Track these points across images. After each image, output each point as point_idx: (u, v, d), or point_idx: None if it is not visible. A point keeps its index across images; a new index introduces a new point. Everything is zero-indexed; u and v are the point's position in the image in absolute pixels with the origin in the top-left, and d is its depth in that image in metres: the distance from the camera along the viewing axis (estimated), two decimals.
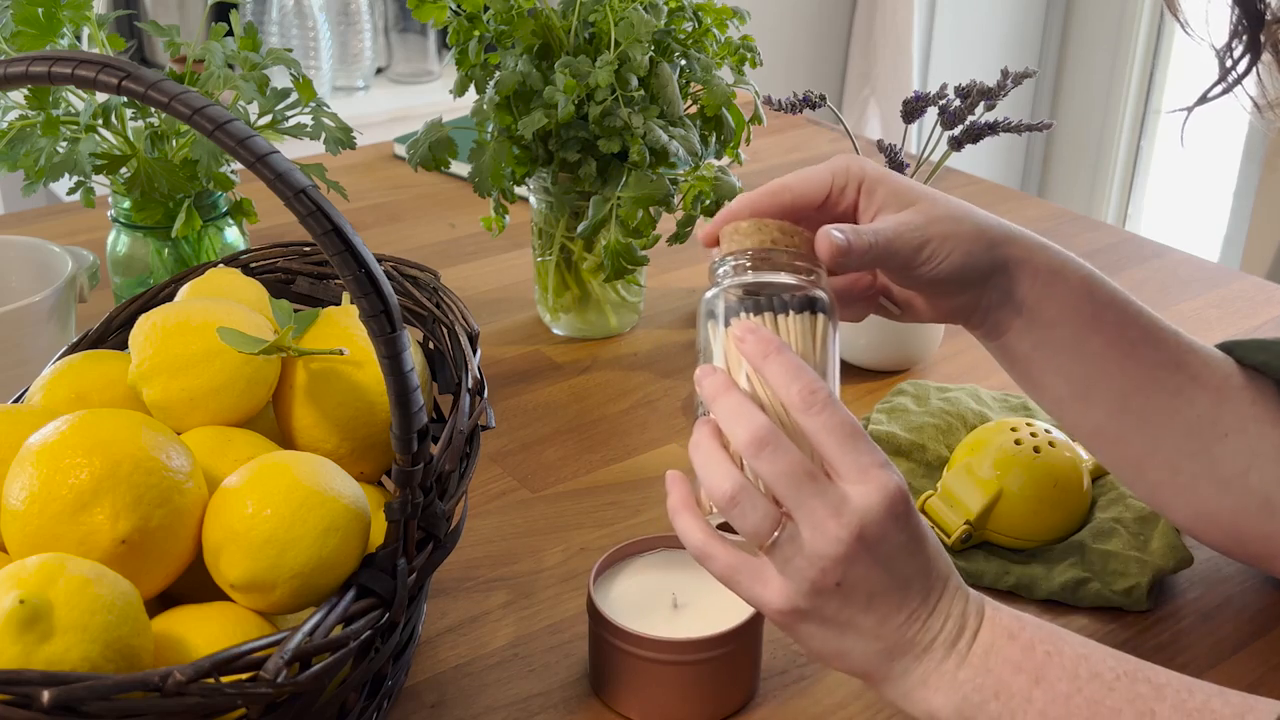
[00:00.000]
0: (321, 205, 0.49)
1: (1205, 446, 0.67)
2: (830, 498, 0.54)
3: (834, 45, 2.89)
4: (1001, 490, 0.77)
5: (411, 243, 1.23)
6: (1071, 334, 0.67)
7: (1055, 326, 0.67)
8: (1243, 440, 0.67)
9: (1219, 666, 0.71)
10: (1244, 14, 0.62)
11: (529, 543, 0.80)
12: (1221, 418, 0.67)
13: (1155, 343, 0.68)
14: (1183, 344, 0.69)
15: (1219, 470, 0.67)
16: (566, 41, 0.93)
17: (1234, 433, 0.67)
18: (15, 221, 1.27)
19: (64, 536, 0.54)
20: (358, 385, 0.65)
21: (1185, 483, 0.68)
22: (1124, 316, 0.68)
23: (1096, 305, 0.67)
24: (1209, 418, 0.67)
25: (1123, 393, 0.68)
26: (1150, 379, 0.67)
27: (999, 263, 0.66)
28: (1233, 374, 0.69)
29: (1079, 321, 0.67)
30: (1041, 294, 0.67)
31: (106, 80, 0.48)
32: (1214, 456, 0.67)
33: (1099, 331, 0.67)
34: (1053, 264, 0.67)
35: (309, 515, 0.55)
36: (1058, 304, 0.67)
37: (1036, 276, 0.66)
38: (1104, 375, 0.67)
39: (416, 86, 2.40)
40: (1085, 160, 3.00)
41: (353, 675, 0.57)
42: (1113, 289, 0.68)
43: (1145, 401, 0.67)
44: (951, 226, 0.64)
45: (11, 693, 0.46)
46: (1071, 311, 0.67)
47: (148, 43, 2.24)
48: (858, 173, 0.65)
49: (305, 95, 0.90)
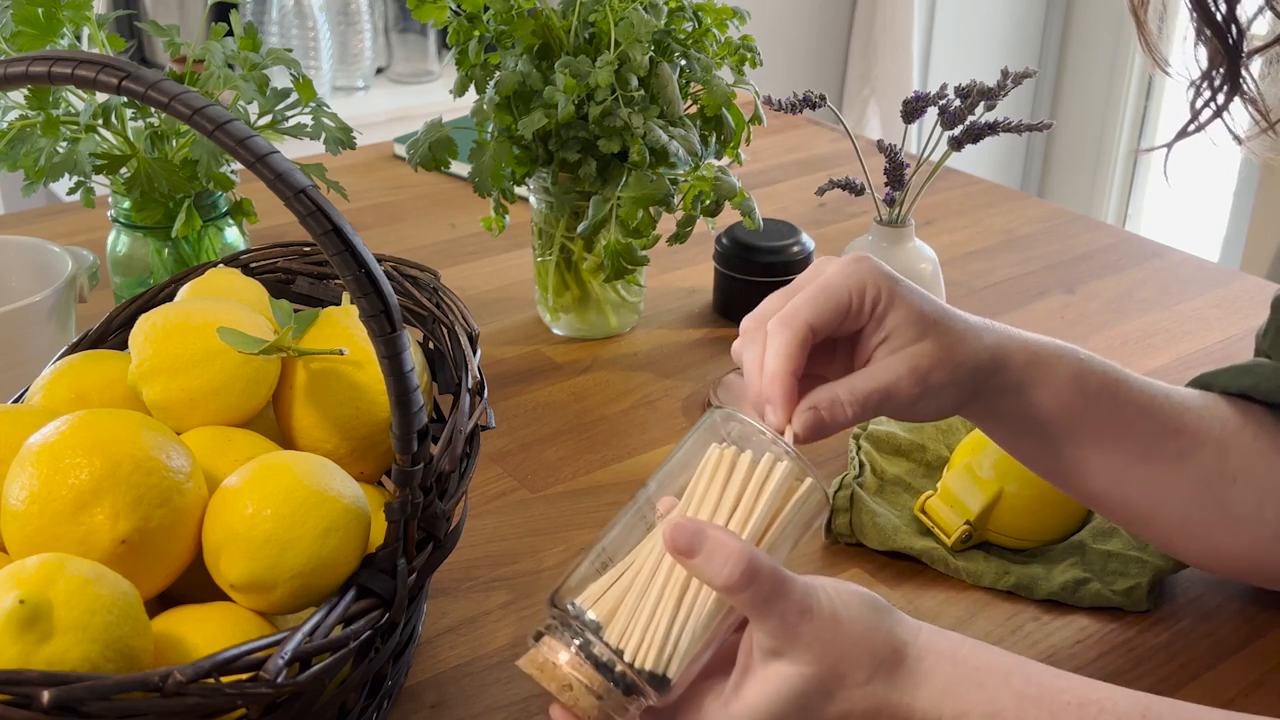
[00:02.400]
0: (321, 205, 0.49)
1: (1215, 496, 0.67)
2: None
3: (834, 45, 2.89)
4: (1001, 490, 0.77)
5: (411, 243, 1.23)
6: (1062, 429, 0.66)
7: (1046, 425, 0.66)
8: (1252, 479, 0.67)
9: (1219, 666, 0.71)
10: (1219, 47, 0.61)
11: (529, 543, 0.80)
12: (1228, 465, 0.67)
13: (1150, 415, 0.67)
14: (1177, 406, 0.68)
15: (1231, 512, 0.68)
16: (566, 41, 0.93)
17: (1242, 474, 0.67)
18: (15, 221, 1.27)
19: (64, 536, 0.54)
20: (358, 385, 0.65)
21: (1196, 530, 0.68)
22: (1115, 401, 0.66)
23: (1086, 398, 0.66)
24: (1215, 469, 0.67)
25: (1120, 467, 0.67)
26: (1148, 450, 0.67)
27: (986, 392, 0.65)
28: (1229, 417, 0.68)
29: (1069, 418, 0.66)
30: (1030, 400, 0.65)
31: (106, 80, 0.48)
32: (1225, 503, 0.67)
33: (1089, 421, 0.66)
34: (1040, 368, 0.65)
35: (309, 515, 0.55)
36: (1047, 405, 0.66)
37: (1020, 392, 0.65)
38: (1098, 455, 0.67)
39: (416, 86, 2.40)
40: (1085, 160, 3.00)
41: (353, 675, 0.57)
42: (1103, 374, 0.67)
43: (1145, 471, 0.67)
44: (950, 373, 0.62)
45: (11, 693, 0.46)
46: (1061, 410, 0.66)
47: (148, 43, 2.24)
48: (873, 295, 0.61)
49: (305, 95, 0.90)
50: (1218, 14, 0.60)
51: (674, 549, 0.54)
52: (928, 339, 0.61)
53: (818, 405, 0.59)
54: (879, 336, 0.62)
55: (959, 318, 0.64)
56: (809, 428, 0.59)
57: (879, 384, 0.60)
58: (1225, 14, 0.60)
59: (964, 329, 0.63)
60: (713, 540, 0.53)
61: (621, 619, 0.55)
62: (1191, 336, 1.07)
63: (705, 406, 0.95)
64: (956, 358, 0.62)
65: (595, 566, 0.57)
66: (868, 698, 0.55)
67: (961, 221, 1.30)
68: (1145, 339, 1.07)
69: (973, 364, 0.63)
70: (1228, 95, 0.62)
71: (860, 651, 0.55)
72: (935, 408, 0.63)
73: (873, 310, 0.61)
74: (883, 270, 0.62)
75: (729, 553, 0.53)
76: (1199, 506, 0.67)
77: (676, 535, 0.54)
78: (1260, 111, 0.63)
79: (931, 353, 0.61)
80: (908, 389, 0.61)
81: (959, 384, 0.62)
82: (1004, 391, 0.65)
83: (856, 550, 0.79)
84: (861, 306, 0.61)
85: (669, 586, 0.55)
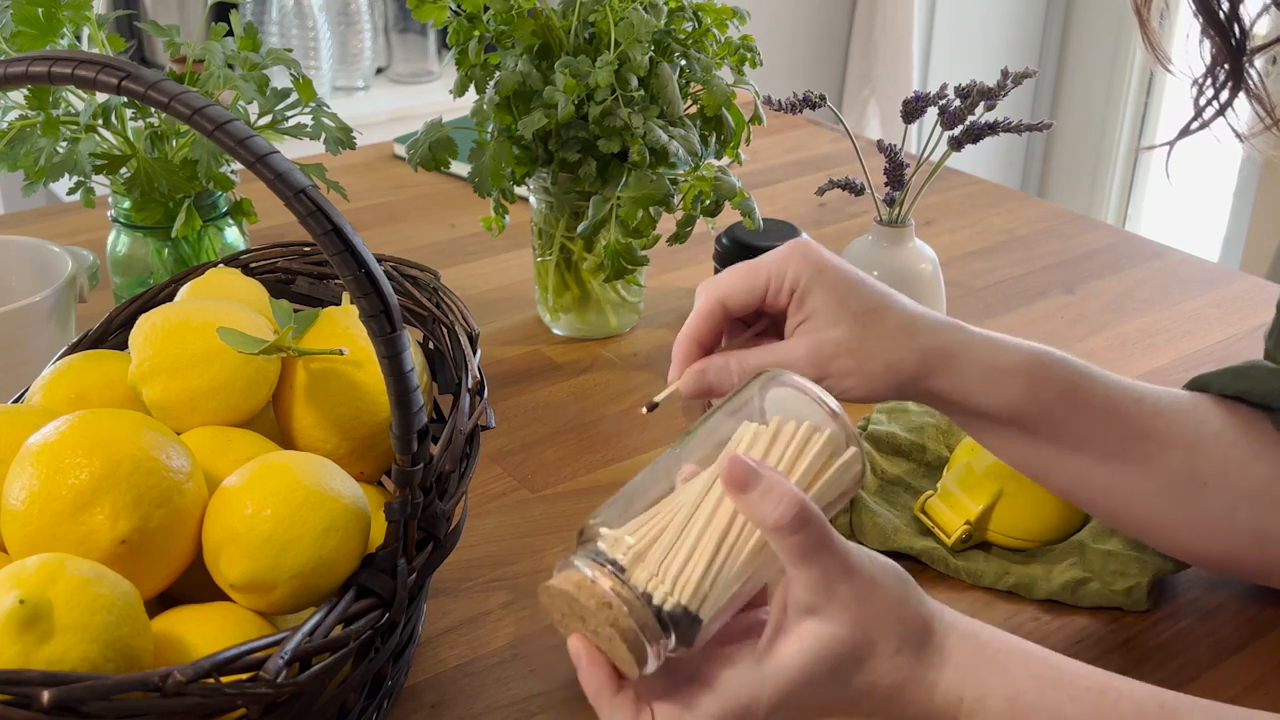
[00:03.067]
0: (321, 205, 0.49)
1: (1182, 499, 0.67)
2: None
3: (834, 45, 2.89)
4: (1001, 490, 0.77)
5: (411, 243, 1.23)
6: (1017, 432, 0.67)
7: (998, 427, 0.67)
8: (1224, 485, 0.67)
9: (1219, 666, 0.71)
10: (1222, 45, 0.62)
11: (529, 543, 0.80)
12: (1198, 470, 0.67)
13: (1114, 421, 0.67)
14: (1145, 410, 0.68)
15: (1202, 516, 0.68)
16: (566, 41, 0.93)
17: (1213, 480, 0.67)
18: (15, 221, 1.27)
19: (64, 536, 0.54)
20: (358, 385, 0.65)
21: (1167, 531, 0.69)
22: (1075, 405, 0.67)
23: (1041, 405, 0.66)
24: (1183, 473, 0.67)
25: (1083, 468, 0.68)
26: (1112, 453, 0.67)
27: (919, 392, 0.66)
28: (1207, 420, 0.68)
29: (1023, 424, 0.67)
30: (978, 404, 0.66)
31: (106, 80, 0.48)
32: (1195, 506, 0.67)
33: (1045, 428, 0.67)
34: (988, 379, 0.66)
35: (309, 515, 0.55)
36: (997, 412, 0.66)
37: (968, 396, 0.66)
38: (1059, 457, 0.67)
39: (416, 86, 2.40)
40: (1085, 160, 3.00)
41: (353, 675, 0.57)
42: (1064, 377, 0.67)
43: (1108, 472, 0.67)
44: (855, 362, 0.64)
45: (11, 693, 0.46)
46: (1013, 417, 0.66)
47: (148, 43, 2.24)
48: (793, 275, 0.65)
49: (305, 95, 0.90)
50: (1220, 12, 0.60)
51: (730, 480, 0.53)
52: (840, 327, 0.64)
53: (706, 369, 0.65)
54: (799, 318, 0.65)
55: (896, 314, 0.65)
56: (692, 388, 0.65)
57: (770, 358, 0.65)
58: (1228, 12, 0.60)
59: (893, 327, 0.65)
60: (769, 479, 0.53)
61: (657, 554, 0.54)
62: (1191, 336, 1.07)
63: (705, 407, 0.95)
64: (867, 350, 0.64)
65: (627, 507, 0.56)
66: (895, 670, 0.55)
67: (961, 221, 1.30)
68: (1145, 339, 1.07)
69: (888, 360, 0.65)
70: (1231, 93, 0.62)
71: (893, 620, 0.55)
72: (846, 391, 0.65)
73: (791, 293, 0.65)
74: (815, 258, 0.65)
75: (783, 493, 0.53)
76: (1166, 508, 0.68)
77: (734, 468, 0.53)
78: (1265, 108, 0.63)
79: (839, 340, 0.64)
80: (804, 368, 0.64)
81: (871, 376, 0.65)
82: (943, 395, 0.66)
83: None
84: (780, 289, 0.65)
85: (709, 528, 0.54)
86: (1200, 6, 0.61)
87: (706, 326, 0.66)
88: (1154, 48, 0.66)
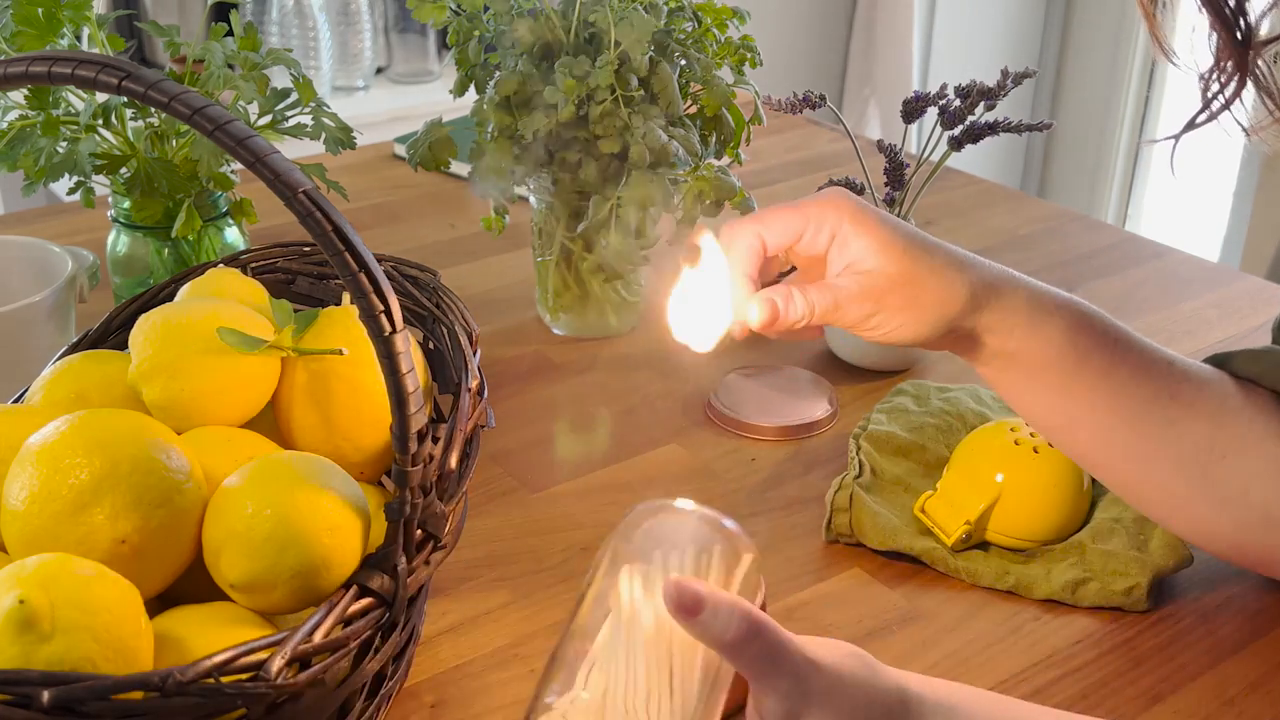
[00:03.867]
0: (321, 205, 0.49)
1: (1201, 470, 0.68)
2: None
3: (834, 45, 2.89)
4: (1001, 490, 0.77)
5: (411, 243, 1.23)
6: (1054, 379, 0.67)
7: (1036, 373, 0.67)
8: (1241, 460, 0.67)
9: (1219, 666, 0.71)
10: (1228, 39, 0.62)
11: (529, 543, 0.80)
12: (1218, 441, 0.67)
13: (1146, 379, 0.68)
14: (1176, 373, 0.68)
15: (1217, 490, 0.68)
16: (566, 41, 0.93)
17: (1232, 454, 0.67)
18: (15, 221, 1.27)
19: (64, 536, 0.54)
20: (358, 385, 0.65)
21: (1180, 504, 0.69)
22: (1112, 357, 0.67)
23: (1080, 352, 0.67)
24: (1204, 443, 0.67)
25: (1109, 427, 0.68)
26: (1140, 414, 0.67)
27: (969, 329, 0.66)
28: (1230, 394, 0.69)
29: (1061, 369, 0.67)
30: (1020, 346, 0.67)
31: (106, 80, 0.48)
32: (1211, 478, 0.68)
33: (1082, 376, 0.67)
34: (1035, 317, 0.66)
35: (309, 515, 0.55)
36: (1038, 355, 0.67)
37: (1012, 333, 0.66)
38: (1090, 413, 0.68)
39: (416, 86, 2.40)
40: (1085, 160, 3.00)
41: (353, 675, 0.57)
42: (1102, 330, 0.68)
43: (1133, 434, 0.68)
44: (909, 298, 0.64)
45: (11, 693, 0.46)
46: (1053, 361, 0.67)
47: (148, 43, 2.24)
48: (834, 219, 0.65)
49: (305, 95, 0.90)
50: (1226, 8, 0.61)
51: (678, 607, 0.50)
52: (892, 265, 0.65)
53: (774, 297, 0.64)
54: (844, 260, 0.65)
55: (943, 253, 0.66)
56: (764, 315, 0.64)
57: (830, 292, 0.65)
58: (1234, 7, 0.61)
59: (943, 264, 0.65)
60: (714, 596, 0.50)
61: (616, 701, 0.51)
62: (1191, 336, 1.07)
63: (705, 407, 0.95)
64: (920, 284, 0.65)
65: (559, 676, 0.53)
66: None
67: (961, 221, 1.30)
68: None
69: (940, 295, 0.65)
70: (1238, 86, 0.63)
71: (868, 703, 0.53)
72: (895, 331, 0.65)
73: (832, 237, 0.65)
74: (855, 203, 0.65)
75: (732, 606, 0.50)
76: (1184, 479, 0.68)
77: (681, 593, 0.50)
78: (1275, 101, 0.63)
79: (892, 275, 0.64)
80: (859, 304, 0.64)
81: (923, 309, 0.65)
82: (989, 332, 0.66)
83: (856, 550, 0.79)
84: (819, 231, 0.65)
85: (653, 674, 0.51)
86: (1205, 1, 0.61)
87: (753, 261, 0.66)
88: (1160, 42, 0.66)
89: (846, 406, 0.95)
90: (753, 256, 0.66)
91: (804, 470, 0.88)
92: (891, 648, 0.71)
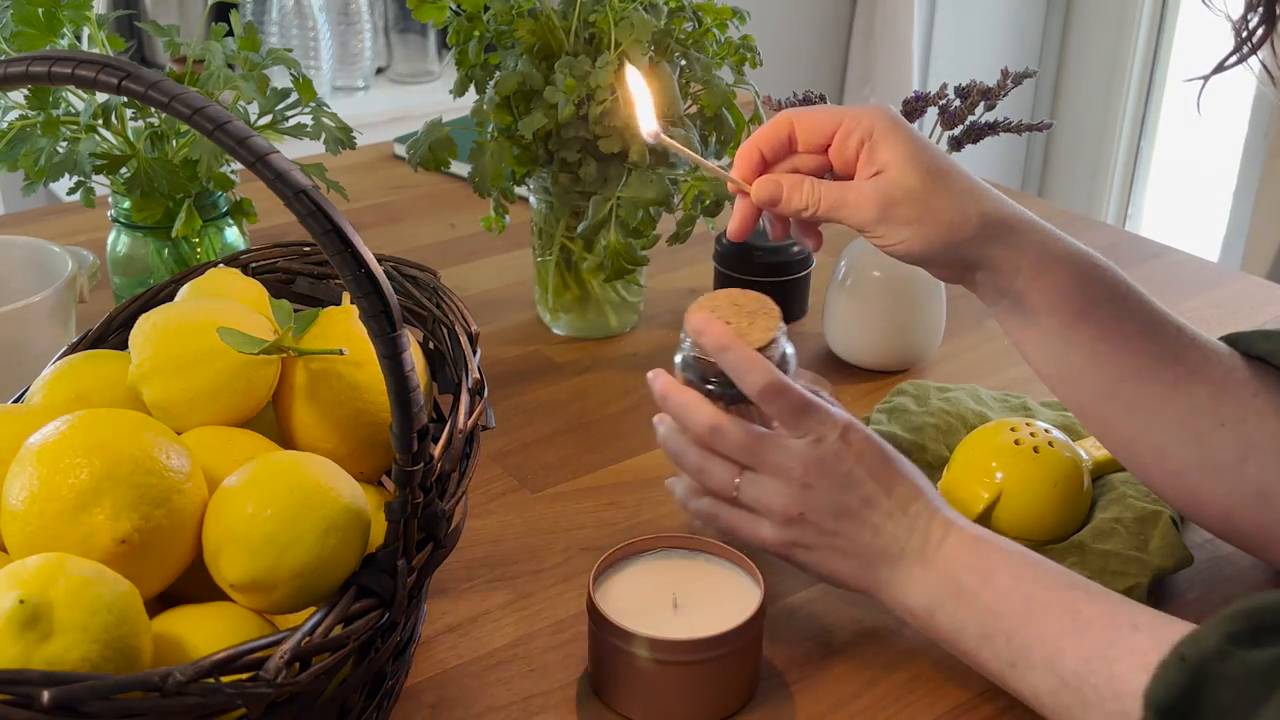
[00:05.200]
0: (321, 205, 0.49)
1: (1197, 436, 0.68)
2: (779, 451, 0.66)
3: (834, 45, 2.89)
4: (1001, 490, 0.77)
5: (411, 243, 1.23)
6: (1058, 325, 0.68)
7: (1041, 316, 0.68)
8: (1240, 430, 0.68)
9: None
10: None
11: (529, 543, 0.80)
12: (1219, 409, 0.68)
13: (1154, 336, 0.68)
14: (1185, 338, 0.69)
15: (1212, 459, 0.68)
16: (566, 42, 0.93)
17: (1231, 423, 0.68)
18: (15, 221, 1.27)
19: (64, 536, 0.54)
20: (358, 385, 0.65)
21: (1175, 468, 0.69)
22: (1121, 311, 0.68)
23: (1087, 300, 0.68)
24: (1205, 409, 0.68)
25: (1112, 381, 0.68)
26: (1144, 370, 0.68)
27: (975, 259, 0.68)
28: (1236, 368, 0.69)
29: (1067, 315, 0.68)
30: (1026, 287, 0.68)
31: (106, 80, 0.48)
32: (1207, 446, 0.68)
33: (1087, 326, 0.68)
34: (1044, 260, 0.68)
35: (309, 515, 0.55)
36: (1044, 297, 0.68)
37: (1019, 272, 0.68)
38: (1093, 365, 0.68)
39: (416, 86, 2.40)
40: (1085, 160, 3.00)
41: (353, 675, 0.57)
42: (1114, 282, 0.69)
43: (1136, 390, 0.68)
44: (919, 212, 0.66)
45: (11, 693, 0.46)
46: (1059, 305, 0.68)
47: (148, 43, 2.24)
48: (867, 125, 0.67)
49: (305, 95, 0.90)
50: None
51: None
52: (911, 178, 0.66)
53: (780, 180, 0.69)
54: (871, 169, 0.68)
55: (963, 179, 0.68)
56: (765, 193, 0.69)
57: (841, 190, 0.67)
58: None
59: (961, 188, 0.67)
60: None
61: None
62: None
63: None
64: (934, 204, 0.66)
65: None
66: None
67: None
68: None
69: (951, 217, 0.66)
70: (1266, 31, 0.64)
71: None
72: (902, 244, 0.67)
73: (862, 143, 0.67)
74: (892, 116, 0.68)
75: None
76: (1181, 443, 0.68)
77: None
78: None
79: (907, 187, 0.66)
80: (868, 208, 0.67)
81: (932, 228, 0.66)
82: (995, 269, 0.68)
83: None
84: (851, 133, 0.68)
85: None
86: None
87: (774, 137, 0.69)
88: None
89: (846, 406, 0.95)
90: (775, 132, 0.69)
91: None
92: (892, 648, 0.71)
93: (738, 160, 0.70)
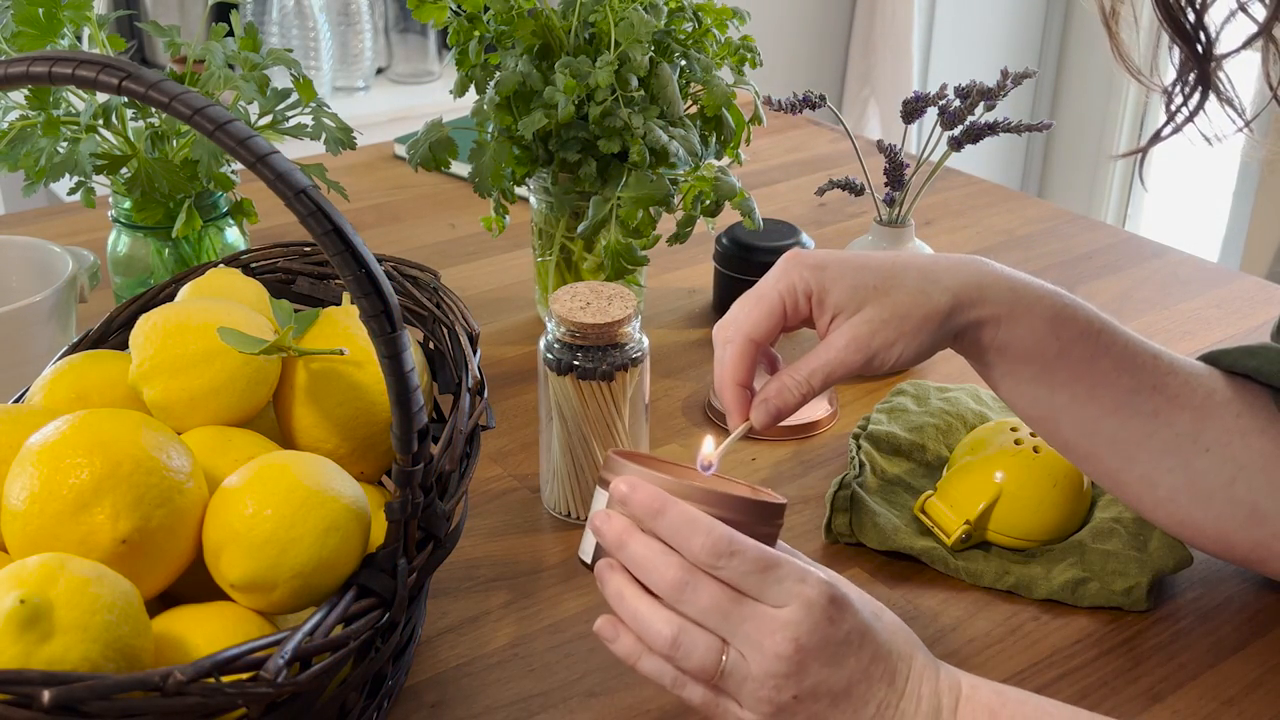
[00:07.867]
0: (322, 205, 0.49)
1: (1184, 462, 0.68)
2: (760, 619, 0.56)
3: (834, 45, 2.89)
4: (1001, 490, 0.77)
5: (411, 243, 1.23)
6: (1036, 370, 0.68)
7: (1018, 364, 0.68)
8: (1226, 453, 0.68)
9: (1218, 666, 0.71)
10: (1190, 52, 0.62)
11: (529, 543, 0.80)
12: (1203, 434, 0.68)
13: (1130, 370, 0.68)
14: (1162, 366, 0.69)
15: (1201, 483, 0.68)
16: (566, 42, 0.93)
17: (1216, 447, 0.68)
18: (15, 221, 1.27)
19: (64, 536, 0.54)
20: (358, 385, 0.65)
21: (1164, 495, 0.69)
22: (1095, 348, 0.68)
23: (1062, 342, 0.67)
24: (1189, 435, 0.68)
25: (1092, 418, 0.68)
26: (1123, 404, 0.68)
27: (954, 331, 0.67)
28: (1217, 389, 0.69)
29: (1044, 359, 0.68)
30: (1004, 339, 0.68)
31: (106, 80, 0.48)
32: (1195, 471, 0.68)
33: (1065, 366, 0.68)
34: (1016, 310, 0.67)
35: (309, 515, 0.55)
36: (1020, 345, 0.68)
37: (998, 326, 0.67)
38: (1072, 403, 0.68)
39: (416, 86, 2.40)
40: (1085, 160, 3.00)
41: (353, 675, 0.57)
42: (1086, 320, 0.68)
43: (1117, 424, 0.68)
44: (897, 329, 0.65)
45: (11, 693, 0.46)
46: (1034, 352, 0.68)
47: (148, 43, 2.24)
48: (804, 286, 0.66)
49: (305, 95, 0.90)
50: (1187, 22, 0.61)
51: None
52: (868, 306, 0.66)
53: (768, 398, 0.66)
54: (828, 317, 0.67)
55: (914, 270, 0.67)
56: (765, 420, 0.66)
57: (820, 361, 0.66)
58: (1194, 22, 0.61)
59: (915, 283, 0.66)
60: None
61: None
62: (1191, 336, 1.07)
63: (705, 408, 0.95)
64: (902, 313, 0.66)
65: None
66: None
67: (961, 221, 1.30)
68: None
69: (925, 313, 0.66)
70: (1201, 98, 0.63)
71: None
72: (898, 360, 0.66)
73: (809, 301, 0.66)
74: (810, 263, 0.67)
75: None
76: (1167, 470, 0.68)
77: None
78: (1236, 111, 0.64)
79: (873, 317, 0.65)
80: (853, 357, 0.66)
81: (913, 334, 0.66)
82: (978, 326, 0.67)
83: (856, 550, 0.79)
84: (796, 305, 0.67)
85: None
86: (1165, 16, 0.61)
87: (746, 367, 0.67)
88: (1123, 59, 0.67)
89: (846, 406, 0.95)
90: (745, 361, 0.67)
91: (804, 470, 0.88)
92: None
93: (729, 408, 0.67)
